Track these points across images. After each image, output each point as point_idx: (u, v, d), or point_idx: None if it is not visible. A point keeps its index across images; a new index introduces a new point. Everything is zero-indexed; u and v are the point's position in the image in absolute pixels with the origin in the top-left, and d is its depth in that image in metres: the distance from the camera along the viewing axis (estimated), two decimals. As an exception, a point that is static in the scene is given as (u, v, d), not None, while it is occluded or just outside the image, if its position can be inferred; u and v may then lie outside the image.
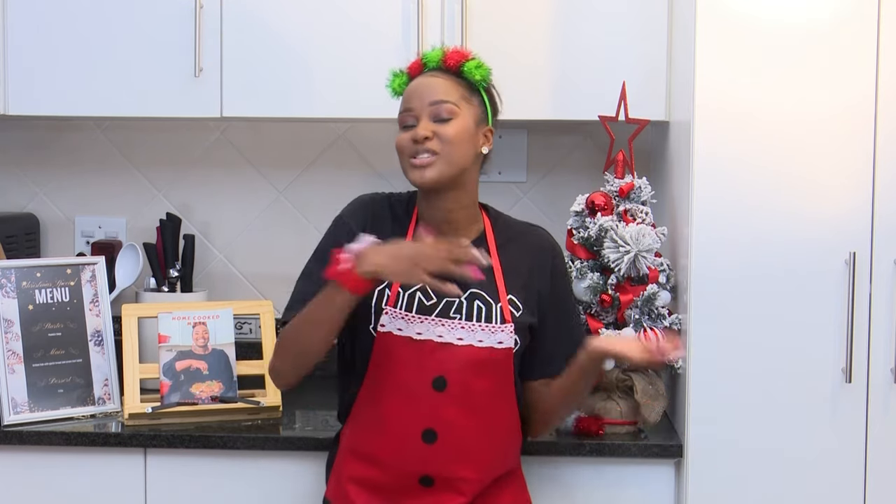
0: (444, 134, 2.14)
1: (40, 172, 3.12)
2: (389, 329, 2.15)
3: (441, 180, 2.15)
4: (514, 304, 2.19)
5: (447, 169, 2.15)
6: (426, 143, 2.14)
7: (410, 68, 2.25)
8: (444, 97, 2.16)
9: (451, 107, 2.16)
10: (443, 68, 2.21)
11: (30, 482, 2.50)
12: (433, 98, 2.16)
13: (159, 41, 2.70)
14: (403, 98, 2.20)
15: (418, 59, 2.25)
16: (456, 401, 2.13)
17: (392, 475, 2.15)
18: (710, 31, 2.35)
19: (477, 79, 2.20)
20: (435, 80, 2.19)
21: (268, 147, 3.09)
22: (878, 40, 2.33)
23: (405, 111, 2.18)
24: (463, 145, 2.16)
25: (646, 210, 2.52)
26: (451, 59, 2.21)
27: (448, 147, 2.14)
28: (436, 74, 2.20)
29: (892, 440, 2.36)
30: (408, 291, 2.16)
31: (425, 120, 2.15)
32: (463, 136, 2.16)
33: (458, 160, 2.15)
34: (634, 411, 2.48)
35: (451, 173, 2.16)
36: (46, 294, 2.62)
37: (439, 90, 2.17)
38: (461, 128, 2.16)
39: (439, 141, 2.14)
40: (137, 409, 2.52)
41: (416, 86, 2.19)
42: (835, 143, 2.34)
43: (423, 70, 2.22)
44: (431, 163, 2.14)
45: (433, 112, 2.15)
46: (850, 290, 2.33)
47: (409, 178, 2.17)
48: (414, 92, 2.18)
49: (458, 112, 2.16)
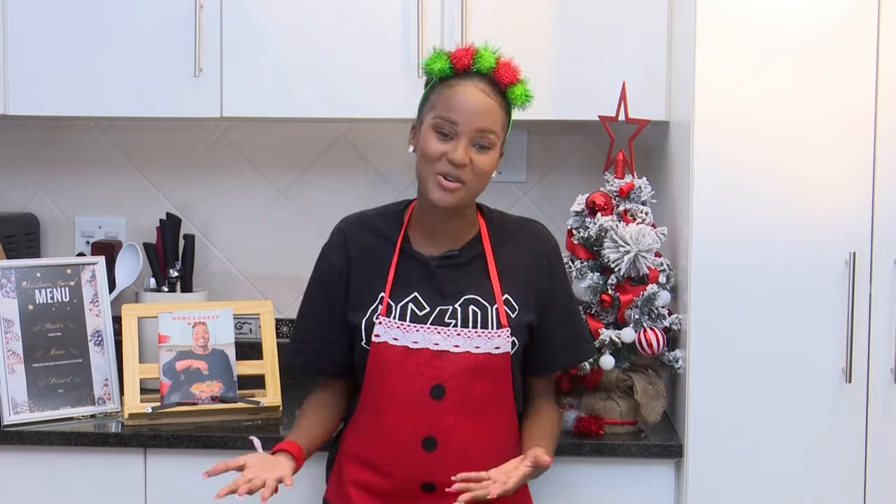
0: (478, 166, 2.11)
1: (40, 172, 3.12)
2: (385, 339, 2.15)
3: (460, 206, 2.15)
4: (510, 305, 2.19)
5: (468, 197, 2.14)
6: (462, 169, 2.10)
7: (457, 59, 2.14)
8: (491, 126, 2.11)
9: (494, 138, 2.12)
10: (492, 80, 2.14)
11: (30, 482, 2.50)
12: (482, 125, 2.10)
13: (159, 41, 2.70)
14: (448, 102, 2.11)
15: (470, 52, 2.15)
16: (455, 408, 2.13)
17: (393, 482, 2.16)
18: (710, 31, 2.35)
19: (517, 104, 2.16)
20: (487, 101, 2.11)
21: (268, 147, 3.09)
22: (878, 40, 2.33)
23: (448, 121, 2.10)
24: (487, 177, 2.15)
25: (646, 210, 2.52)
26: (505, 77, 2.14)
27: (476, 179, 2.12)
28: (488, 91, 2.12)
29: (892, 440, 2.36)
30: (399, 304, 2.17)
31: (465, 142, 2.09)
32: (492, 167, 2.14)
33: (479, 189, 2.16)
34: (634, 411, 2.48)
35: (469, 202, 2.17)
36: (46, 294, 2.62)
37: (489, 118, 2.10)
38: (493, 160, 2.14)
39: (472, 171, 2.11)
40: (137, 409, 2.52)
41: (468, 100, 2.10)
42: (835, 143, 2.34)
43: (471, 69, 2.14)
44: (458, 189, 2.11)
45: (476, 138, 2.10)
46: (850, 290, 2.33)
47: (429, 194, 2.12)
48: (465, 107, 2.10)
49: (496, 143, 2.13)
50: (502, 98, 2.14)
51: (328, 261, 2.25)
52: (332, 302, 2.23)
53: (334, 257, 2.24)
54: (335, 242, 2.26)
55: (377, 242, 2.22)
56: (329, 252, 2.26)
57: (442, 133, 2.11)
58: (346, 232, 2.25)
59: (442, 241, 2.21)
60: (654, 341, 2.43)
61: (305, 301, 2.29)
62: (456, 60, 2.14)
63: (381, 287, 2.18)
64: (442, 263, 2.19)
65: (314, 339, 2.25)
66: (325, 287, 2.24)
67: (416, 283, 2.18)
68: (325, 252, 2.27)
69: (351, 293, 2.21)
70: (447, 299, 2.17)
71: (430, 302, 2.16)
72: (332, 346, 2.23)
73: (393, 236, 2.22)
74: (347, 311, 2.21)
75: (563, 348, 2.25)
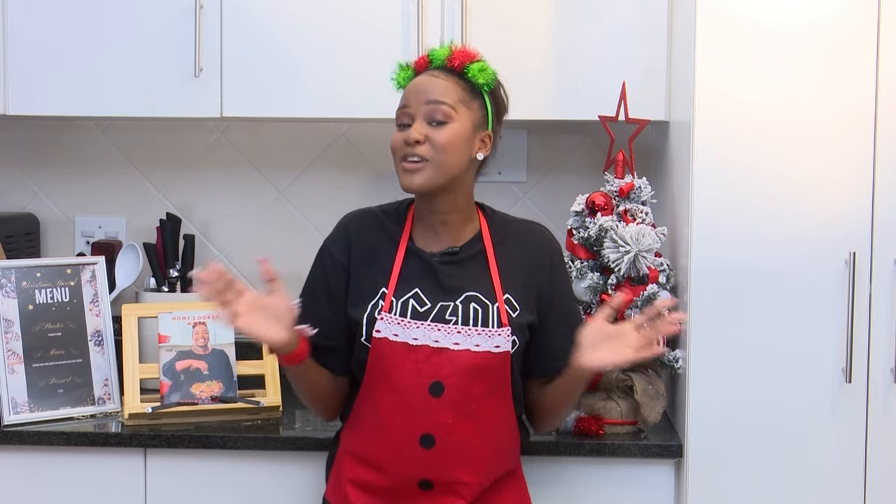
0: (435, 139, 2.12)
1: (40, 172, 3.12)
2: (385, 335, 2.15)
3: (430, 187, 2.13)
4: (511, 304, 2.19)
5: (436, 176, 2.13)
6: (417, 147, 2.11)
7: (416, 64, 2.22)
8: (441, 98, 2.13)
9: (447, 109, 2.13)
10: (447, 68, 2.18)
11: (30, 482, 2.50)
12: (429, 97, 2.13)
13: (159, 41, 2.70)
14: (403, 95, 2.19)
15: (425, 55, 2.22)
16: (453, 406, 2.12)
17: (391, 479, 2.15)
18: (710, 31, 2.35)
19: (480, 82, 2.18)
20: (435, 79, 2.16)
21: (268, 147, 3.09)
22: (878, 40, 2.33)
23: (401, 108, 2.17)
24: (455, 152, 2.13)
25: (646, 210, 2.52)
26: (456, 59, 2.18)
27: (439, 154, 2.12)
28: (438, 74, 2.17)
29: (892, 440, 2.36)
30: (400, 300, 2.17)
31: (419, 121, 2.13)
32: (455, 142, 2.13)
33: (448, 167, 2.13)
34: (634, 411, 2.49)
35: (441, 181, 2.14)
36: (46, 294, 2.62)
37: (437, 90, 2.14)
38: (454, 133, 2.13)
39: (430, 146, 2.12)
40: (137, 409, 2.52)
41: (415, 83, 2.17)
42: (835, 143, 2.34)
43: (428, 67, 2.20)
44: (421, 168, 2.12)
45: (428, 113, 2.13)
46: (850, 290, 2.33)
47: (401, 183, 2.15)
48: (412, 90, 2.17)
49: (454, 116, 2.13)
50: (461, 78, 2.17)
51: (329, 254, 2.24)
52: (333, 296, 2.22)
53: (335, 251, 2.24)
54: (338, 236, 2.26)
55: (380, 238, 2.22)
56: (330, 245, 2.26)
57: (402, 125, 2.16)
58: (350, 226, 2.25)
59: (442, 238, 2.21)
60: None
61: (306, 294, 2.27)
62: (416, 65, 2.22)
63: (383, 282, 2.18)
64: (443, 260, 2.19)
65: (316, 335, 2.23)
66: (326, 280, 2.24)
67: (417, 279, 2.18)
68: (326, 245, 2.27)
69: (351, 288, 2.21)
70: (448, 296, 2.17)
71: (431, 298, 2.16)
72: (333, 341, 2.22)
73: (396, 233, 2.22)
74: (348, 305, 2.21)
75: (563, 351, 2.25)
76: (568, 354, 2.20)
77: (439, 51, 2.21)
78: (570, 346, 2.21)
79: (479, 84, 2.18)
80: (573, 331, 2.25)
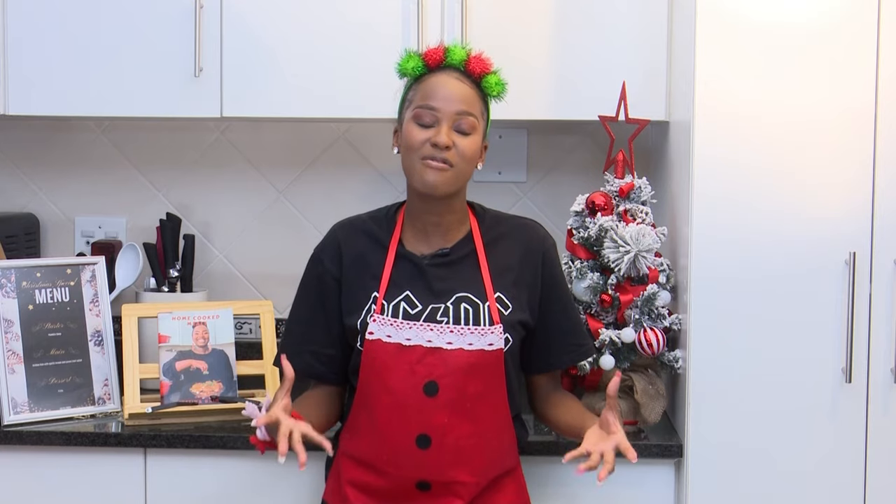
0: (462, 148, 2.13)
1: (40, 172, 3.12)
2: (378, 336, 2.15)
3: (448, 191, 2.15)
4: (503, 303, 2.19)
5: (456, 182, 2.15)
6: (446, 152, 2.11)
7: (428, 57, 2.18)
8: (470, 109, 2.14)
9: (474, 121, 2.14)
10: (464, 72, 2.17)
11: (30, 482, 2.50)
12: (461, 108, 2.12)
13: (159, 41, 2.70)
14: (425, 92, 2.14)
15: (441, 49, 2.18)
16: (448, 405, 2.12)
17: (389, 480, 2.15)
18: (710, 32, 2.35)
19: (493, 94, 2.19)
20: (462, 87, 2.14)
21: (268, 147, 3.09)
22: (878, 40, 2.33)
23: (427, 108, 2.13)
24: (473, 162, 2.17)
25: (646, 210, 2.52)
26: (476, 67, 2.16)
27: (462, 163, 2.13)
28: (460, 78, 2.15)
29: (892, 440, 2.36)
30: (391, 303, 2.17)
31: (447, 127, 2.12)
32: (476, 152, 2.16)
33: (466, 175, 2.16)
34: (634, 411, 2.49)
35: (456, 187, 2.16)
36: (46, 294, 2.62)
37: (467, 100, 2.14)
38: (476, 144, 2.15)
39: (457, 154, 2.12)
40: (137, 409, 2.52)
41: (442, 85, 2.14)
42: (835, 143, 2.34)
43: (442, 65, 2.17)
44: (446, 171, 2.12)
45: (456, 122, 2.12)
46: (850, 290, 2.33)
47: (418, 180, 2.13)
48: (440, 92, 2.13)
49: (477, 127, 2.15)
50: (477, 88, 2.17)
51: (320, 264, 2.25)
52: (326, 305, 2.23)
53: (326, 260, 2.24)
54: (326, 246, 2.26)
55: (370, 245, 2.22)
56: (320, 255, 2.26)
57: (423, 123, 2.13)
58: (339, 235, 2.26)
59: (433, 239, 2.21)
60: (654, 341, 2.44)
61: (299, 304, 2.28)
62: (428, 58, 2.18)
63: (375, 287, 2.18)
64: (433, 262, 2.19)
65: (310, 342, 2.25)
66: (319, 289, 2.24)
67: (407, 282, 2.18)
68: (316, 255, 2.27)
69: (345, 296, 2.21)
70: (439, 298, 2.17)
71: (421, 300, 2.17)
72: (329, 350, 2.23)
73: (385, 238, 2.22)
74: (343, 314, 2.21)
75: (562, 346, 2.25)
76: (567, 349, 2.21)
77: (456, 51, 2.18)
78: (568, 341, 2.22)
79: (492, 96, 2.19)
80: (575, 322, 2.26)
